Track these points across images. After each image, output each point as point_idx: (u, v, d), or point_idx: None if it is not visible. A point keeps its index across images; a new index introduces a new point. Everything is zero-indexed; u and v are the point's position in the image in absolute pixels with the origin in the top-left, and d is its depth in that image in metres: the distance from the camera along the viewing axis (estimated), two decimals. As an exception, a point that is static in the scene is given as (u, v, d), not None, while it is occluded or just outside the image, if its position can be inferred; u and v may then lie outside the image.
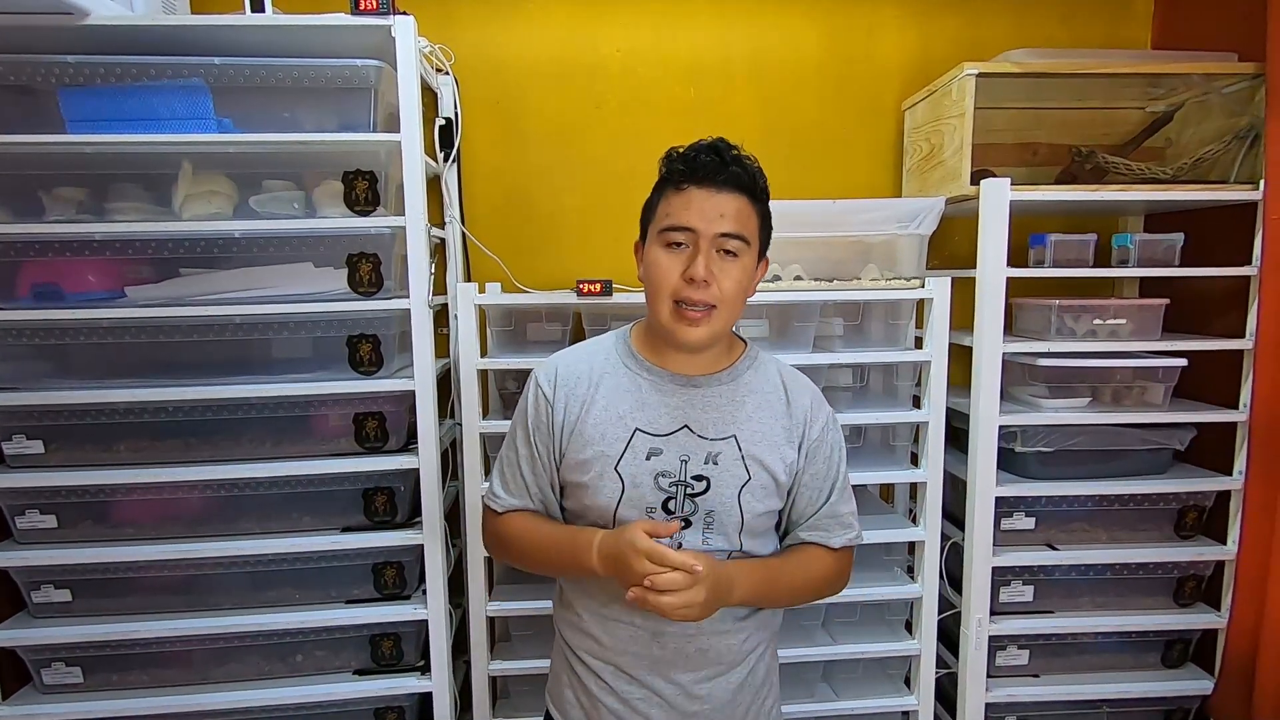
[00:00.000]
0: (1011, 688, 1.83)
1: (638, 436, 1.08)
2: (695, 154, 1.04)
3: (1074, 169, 1.85)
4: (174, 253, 1.58)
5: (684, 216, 1.03)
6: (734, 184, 1.03)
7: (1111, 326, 1.78)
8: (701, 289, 1.02)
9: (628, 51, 2.00)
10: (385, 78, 1.56)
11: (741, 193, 1.04)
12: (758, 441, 1.10)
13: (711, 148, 1.04)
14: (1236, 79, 1.73)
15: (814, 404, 1.16)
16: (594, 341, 1.19)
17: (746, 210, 1.05)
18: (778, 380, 1.15)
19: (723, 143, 1.05)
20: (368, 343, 1.63)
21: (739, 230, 1.03)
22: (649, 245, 1.08)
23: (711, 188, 1.03)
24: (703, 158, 1.03)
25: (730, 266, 1.04)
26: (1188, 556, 1.82)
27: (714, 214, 1.02)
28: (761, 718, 1.17)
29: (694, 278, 1.01)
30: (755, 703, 1.16)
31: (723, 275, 1.03)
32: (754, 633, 1.13)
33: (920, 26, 2.04)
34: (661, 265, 1.04)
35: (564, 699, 1.17)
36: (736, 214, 1.03)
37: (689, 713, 1.10)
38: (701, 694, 1.10)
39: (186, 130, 1.51)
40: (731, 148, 1.05)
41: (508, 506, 1.16)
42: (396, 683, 1.71)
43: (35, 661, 1.65)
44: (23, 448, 1.60)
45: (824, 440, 1.14)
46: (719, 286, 1.03)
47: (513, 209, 2.02)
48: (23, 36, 1.47)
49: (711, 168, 1.03)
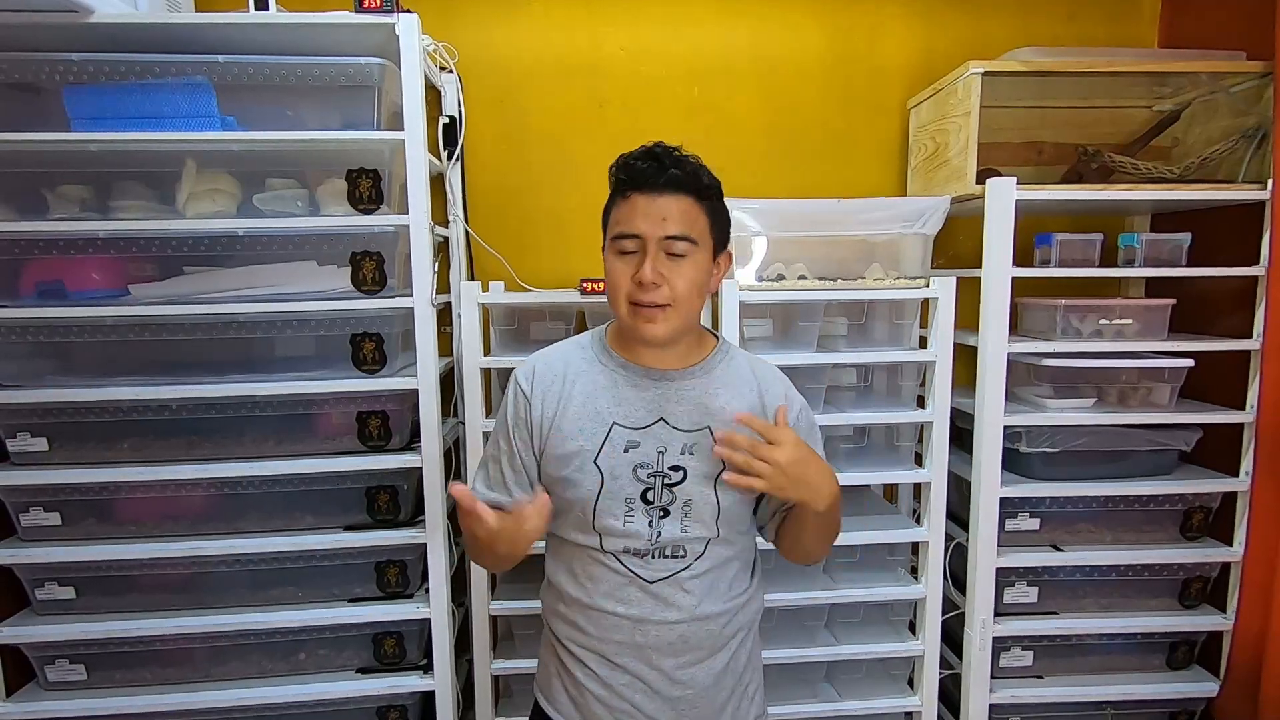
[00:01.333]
0: (1015, 689, 1.82)
1: (615, 430, 1.11)
2: (634, 161, 1.07)
3: (1080, 168, 1.84)
4: (178, 251, 1.58)
5: (630, 224, 1.06)
6: (674, 186, 1.06)
7: (1117, 327, 1.77)
8: (651, 290, 1.06)
9: (631, 50, 2.00)
10: (389, 76, 1.56)
11: (683, 193, 1.07)
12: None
13: (648, 153, 1.07)
14: (1244, 78, 1.72)
15: (786, 395, 1.19)
16: (572, 340, 1.22)
17: (692, 210, 1.07)
18: (749, 373, 1.18)
19: (660, 147, 1.08)
20: (371, 341, 1.63)
21: (683, 231, 1.06)
22: (606, 252, 1.12)
23: (652, 192, 1.06)
24: (640, 164, 1.06)
25: (681, 265, 1.07)
26: (1193, 558, 1.81)
27: (657, 217, 1.05)
28: (745, 702, 1.20)
29: (642, 281, 1.05)
30: (739, 688, 1.19)
31: (673, 275, 1.06)
32: (734, 618, 1.16)
33: (925, 25, 2.03)
34: (615, 270, 1.09)
35: (552, 688, 1.20)
36: (681, 215, 1.06)
37: (673, 698, 1.13)
38: (684, 679, 1.13)
39: (190, 128, 1.51)
40: (671, 150, 1.08)
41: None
42: (399, 681, 1.71)
43: (39, 658, 1.66)
44: (27, 445, 1.60)
45: (798, 427, 1.17)
46: (670, 286, 1.06)
47: (516, 207, 2.02)
48: (28, 34, 1.47)
49: (649, 173, 1.06)
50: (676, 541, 1.11)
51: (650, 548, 1.10)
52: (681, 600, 1.11)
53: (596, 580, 1.12)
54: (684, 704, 1.13)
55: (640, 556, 1.11)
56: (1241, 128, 1.75)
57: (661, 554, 1.11)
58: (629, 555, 1.11)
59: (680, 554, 1.11)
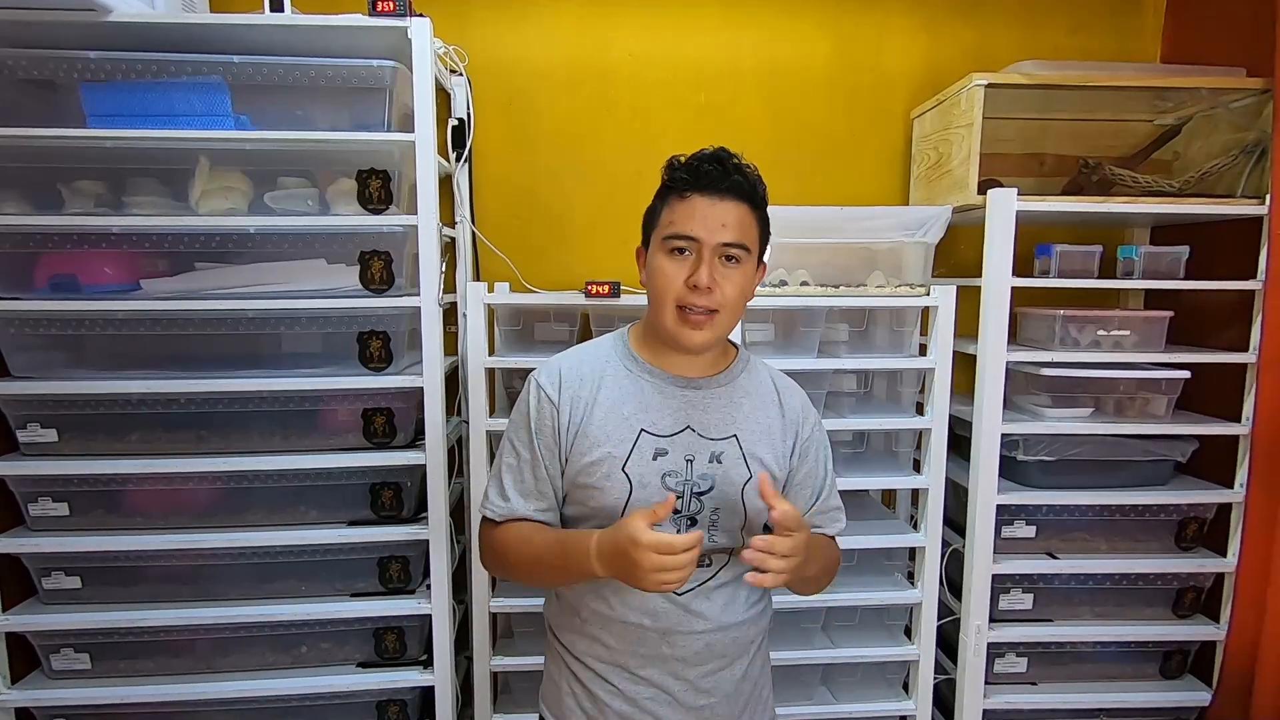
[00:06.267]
0: (1009, 695, 1.84)
1: (643, 437, 1.09)
2: (699, 163, 1.06)
3: (1081, 180, 1.86)
4: (189, 247, 1.61)
5: (688, 225, 1.05)
6: (736, 193, 1.06)
7: (1115, 338, 1.79)
8: (705, 295, 1.04)
9: (638, 56, 2.02)
10: (400, 78, 1.58)
11: (743, 201, 1.06)
12: (757, 441, 1.13)
13: (714, 157, 1.06)
14: (1244, 94, 1.74)
15: (803, 406, 1.20)
16: (592, 344, 1.20)
17: (748, 219, 1.07)
18: (770, 383, 1.19)
19: (724, 152, 1.07)
20: (378, 339, 1.65)
21: (741, 239, 1.06)
22: (652, 251, 1.10)
23: (714, 196, 1.05)
24: (706, 167, 1.05)
25: (732, 273, 1.06)
26: (1188, 568, 1.82)
27: (716, 223, 1.04)
28: (759, 705, 1.21)
29: (698, 285, 1.04)
30: (755, 691, 1.19)
31: (725, 281, 1.05)
32: (754, 625, 1.16)
33: (929, 36, 2.05)
34: (666, 272, 1.06)
35: (563, 705, 1.16)
36: (739, 222, 1.06)
37: (697, 706, 1.12)
38: (709, 687, 1.12)
39: (204, 127, 1.53)
40: (733, 156, 1.07)
41: (509, 513, 1.12)
42: (399, 676, 1.73)
43: (44, 647, 1.68)
44: (37, 436, 1.62)
45: (814, 439, 1.18)
46: (721, 292, 1.05)
47: (522, 209, 2.04)
48: (47, 32, 1.50)
49: (714, 176, 1.05)
50: (704, 551, 1.08)
51: None
52: (708, 610, 1.09)
53: (622, 594, 1.08)
54: (707, 712, 1.12)
55: None
56: (1241, 143, 1.77)
57: None
58: None
59: (706, 563, 1.10)
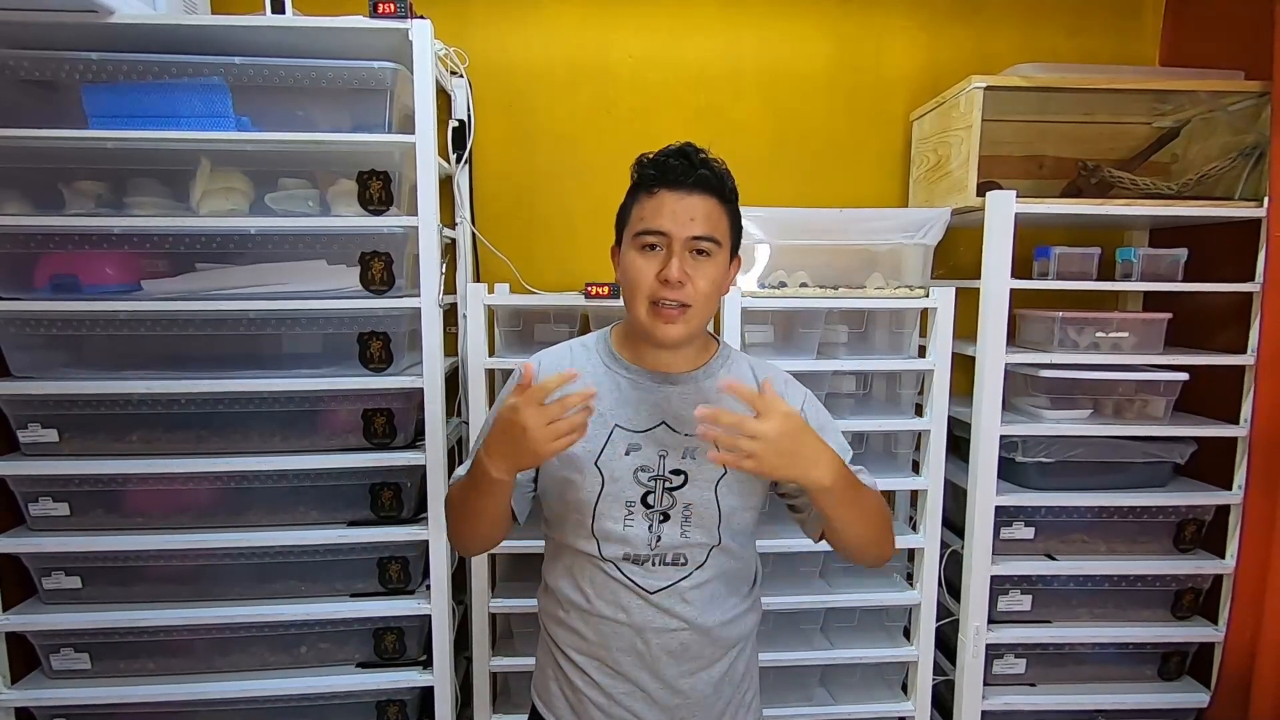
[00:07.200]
0: (1008, 696, 1.84)
1: (617, 432, 1.10)
2: (665, 158, 1.07)
3: (1080, 183, 1.87)
4: (190, 248, 1.61)
5: (656, 220, 1.06)
6: (703, 186, 1.06)
7: (1114, 339, 1.79)
8: (676, 289, 1.05)
9: (638, 57, 2.02)
10: (401, 80, 1.58)
11: (710, 194, 1.07)
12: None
13: (680, 152, 1.07)
14: (1243, 96, 1.74)
15: (787, 390, 1.17)
16: (576, 341, 1.21)
17: (716, 212, 1.08)
18: (750, 376, 1.17)
19: (690, 146, 1.08)
20: (378, 340, 1.65)
21: (710, 232, 1.06)
22: (625, 248, 1.11)
23: (682, 190, 1.06)
24: (672, 161, 1.06)
25: (703, 266, 1.07)
26: (1186, 569, 1.83)
27: (685, 216, 1.05)
28: (742, 708, 1.20)
29: (669, 279, 1.04)
30: (736, 696, 1.18)
31: (696, 275, 1.06)
32: (734, 628, 1.15)
33: (929, 38, 2.06)
34: (637, 267, 1.07)
35: (550, 693, 1.19)
36: (707, 216, 1.06)
37: (671, 706, 1.12)
38: (685, 688, 1.12)
39: (205, 128, 1.53)
40: (700, 151, 1.08)
41: None
42: (398, 676, 1.73)
43: (44, 646, 1.68)
44: (37, 436, 1.63)
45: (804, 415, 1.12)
46: (693, 286, 1.06)
47: (522, 211, 2.04)
48: (48, 33, 1.50)
49: (681, 171, 1.06)
50: (677, 548, 1.09)
51: (650, 554, 1.09)
52: (682, 610, 1.10)
53: (596, 587, 1.11)
54: (683, 711, 1.13)
55: (640, 564, 1.09)
56: (1239, 145, 1.77)
57: (661, 561, 1.10)
58: (628, 563, 1.09)
59: (681, 561, 1.10)
